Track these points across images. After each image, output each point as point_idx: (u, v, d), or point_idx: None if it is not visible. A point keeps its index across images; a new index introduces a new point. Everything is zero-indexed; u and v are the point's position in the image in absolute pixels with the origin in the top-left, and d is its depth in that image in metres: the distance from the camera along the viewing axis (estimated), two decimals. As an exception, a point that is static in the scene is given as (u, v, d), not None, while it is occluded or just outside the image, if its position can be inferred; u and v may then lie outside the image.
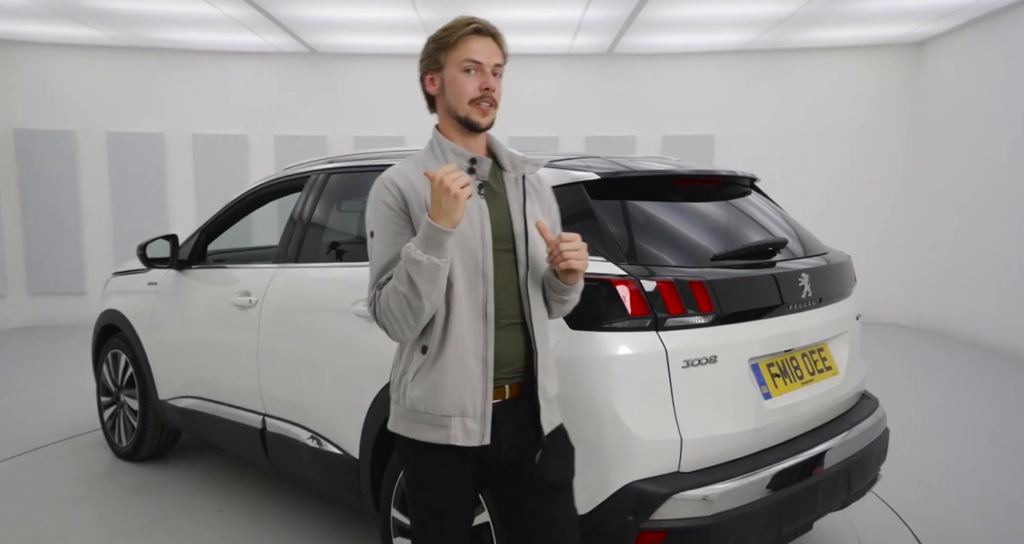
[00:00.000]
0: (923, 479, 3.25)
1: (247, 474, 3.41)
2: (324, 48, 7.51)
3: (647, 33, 6.75)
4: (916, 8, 5.98)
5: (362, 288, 2.33)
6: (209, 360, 3.06)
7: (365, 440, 2.27)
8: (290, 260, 2.76)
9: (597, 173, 1.99)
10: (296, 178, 2.94)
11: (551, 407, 1.49)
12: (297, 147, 7.52)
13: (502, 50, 1.48)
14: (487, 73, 1.46)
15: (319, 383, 2.49)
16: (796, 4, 5.82)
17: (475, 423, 1.41)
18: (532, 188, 1.56)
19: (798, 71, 7.44)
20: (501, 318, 1.46)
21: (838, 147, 7.36)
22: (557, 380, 1.54)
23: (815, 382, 2.08)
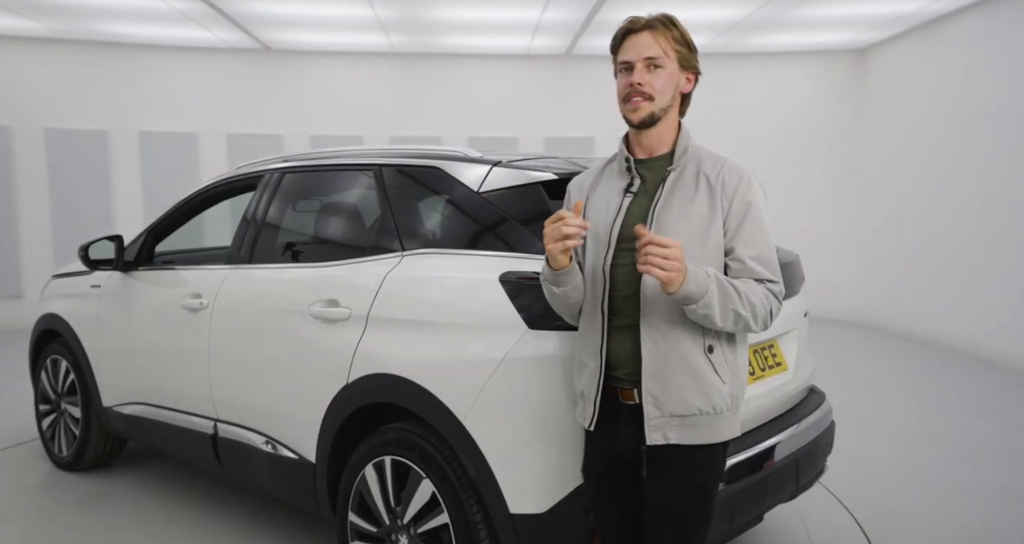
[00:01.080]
0: (867, 469, 3.38)
1: (197, 481, 3.31)
2: (278, 45, 7.35)
3: (605, 35, 6.83)
4: (858, 16, 6.23)
5: (319, 289, 2.30)
6: (157, 364, 2.95)
7: (322, 444, 2.23)
8: (243, 261, 2.69)
9: (555, 173, 2.01)
10: (249, 177, 2.87)
11: (667, 422, 1.44)
12: (251, 146, 7.34)
13: (659, 40, 1.47)
14: (638, 68, 1.47)
15: (274, 386, 2.43)
16: (747, 10, 5.98)
17: (589, 407, 1.53)
18: (704, 183, 1.48)
19: (749, 75, 7.65)
20: (616, 318, 1.48)
21: (787, 149, 7.60)
22: (699, 397, 1.43)
23: (766, 378, 2.13)
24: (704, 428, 1.46)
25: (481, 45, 7.28)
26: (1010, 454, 3.58)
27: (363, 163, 2.45)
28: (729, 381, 1.48)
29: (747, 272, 1.45)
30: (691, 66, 1.53)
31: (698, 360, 1.44)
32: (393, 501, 2.05)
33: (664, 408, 1.44)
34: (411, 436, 1.99)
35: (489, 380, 1.81)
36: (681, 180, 1.50)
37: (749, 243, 1.46)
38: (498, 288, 1.85)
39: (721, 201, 1.47)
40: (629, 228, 1.46)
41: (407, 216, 2.23)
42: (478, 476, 1.83)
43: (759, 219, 1.48)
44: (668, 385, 1.44)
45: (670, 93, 1.50)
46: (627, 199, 1.51)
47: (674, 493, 1.48)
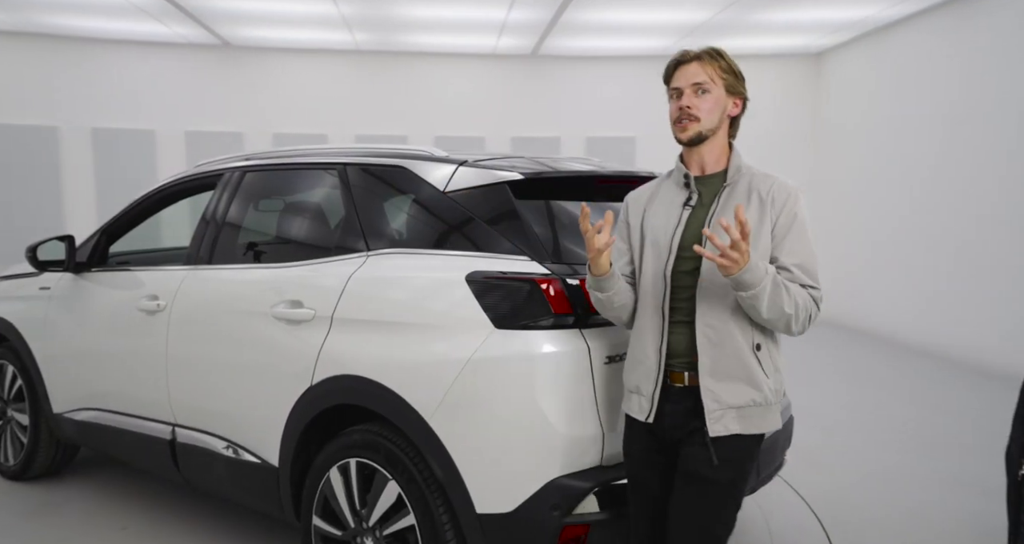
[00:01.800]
0: (824, 462, 3.48)
1: (153, 488, 3.21)
2: (239, 41, 7.20)
3: (570, 36, 6.88)
4: (814, 22, 6.41)
5: (283, 290, 2.26)
6: (111, 369, 2.86)
7: (285, 447, 2.19)
8: (202, 262, 2.63)
9: (521, 173, 2.01)
10: (209, 176, 2.80)
11: (727, 413, 1.56)
12: (210, 143, 7.17)
13: (706, 69, 1.64)
14: (686, 93, 1.64)
15: (235, 389, 2.38)
16: (708, 13, 6.10)
17: (646, 402, 1.64)
18: (756, 197, 1.62)
19: (711, 78, 7.80)
20: (677, 315, 1.62)
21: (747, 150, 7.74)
22: (751, 389, 1.56)
23: None
24: (757, 419, 1.59)
25: (447, 44, 7.26)
26: (961, 446, 3.73)
27: (327, 162, 2.42)
28: (772, 376, 1.62)
29: (792, 278, 1.58)
30: (738, 92, 1.69)
31: (748, 357, 1.58)
32: (358, 504, 2.03)
33: (722, 401, 1.57)
34: (377, 438, 1.97)
35: (455, 380, 1.81)
36: (734, 195, 1.65)
37: (793, 252, 1.59)
38: (464, 288, 1.85)
39: (771, 214, 1.61)
40: (690, 238, 1.62)
41: (372, 216, 2.21)
42: (445, 476, 1.82)
43: (803, 231, 1.62)
44: (723, 379, 1.57)
45: (717, 115, 1.66)
46: (686, 211, 1.66)
47: (718, 466, 1.57)
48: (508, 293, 1.80)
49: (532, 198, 2.01)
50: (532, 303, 1.78)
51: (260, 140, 7.38)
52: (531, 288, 1.78)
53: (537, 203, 2.02)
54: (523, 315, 1.78)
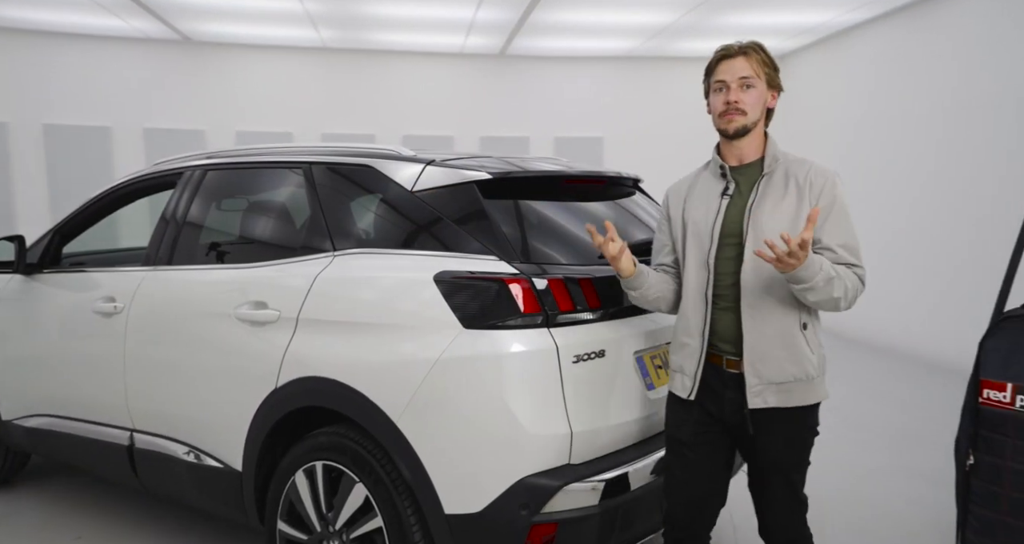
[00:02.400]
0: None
1: (110, 495, 3.12)
2: (200, 36, 7.02)
3: (538, 36, 6.90)
4: (775, 25, 6.57)
5: (246, 290, 2.22)
6: (65, 374, 2.77)
7: (249, 451, 2.15)
8: (162, 262, 2.56)
9: (489, 173, 2.01)
10: (168, 174, 2.73)
11: (766, 389, 1.67)
12: (171, 141, 6.98)
13: (751, 63, 1.71)
14: (732, 88, 1.70)
15: (197, 393, 2.32)
16: (673, 16, 6.19)
17: (688, 381, 1.77)
18: (794, 185, 1.69)
19: (677, 78, 7.91)
20: (720, 301, 1.72)
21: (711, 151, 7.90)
22: (793, 366, 1.66)
23: None
24: (799, 392, 1.69)
25: (415, 42, 7.21)
26: (923, 441, 3.84)
27: (292, 161, 2.38)
28: (817, 352, 1.72)
29: (837, 259, 1.66)
30: (776, 85, 1.77)
31: (795, 336, 1.68)
32: (325, 507, 2.01)
33: (763, 377, 1.67)
34: (343, 440, 1.95)
35: (424, 381, 1.79)
36: (771, 183, 1.72)
37: (835, 233, 1.68)
38: (432, 288, 1.84)
39: (809, 199, 1.68)
40: (730, 226, 1.72)
41: (338, 215, 2.18)
42: (413, 478, 1.81)
43: (844, 212, 1.70)
44: (766, 357, 1.67)
45: (760, 108, 1.73)
46: (724, 201, 1.74)
47: (780, 447, 1.73)
48: (476, 293, 1.80)
49: (500, 198, 2.01)
50: (500, 303, 1.78)
51: (222, 138, 7.22)
52: (499, 288, 1.78)
53: (505, 203, 2.02)
54: (491, 315, 1.78)
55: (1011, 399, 2.22)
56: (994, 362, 2.28)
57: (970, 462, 2.31)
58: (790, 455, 1.75)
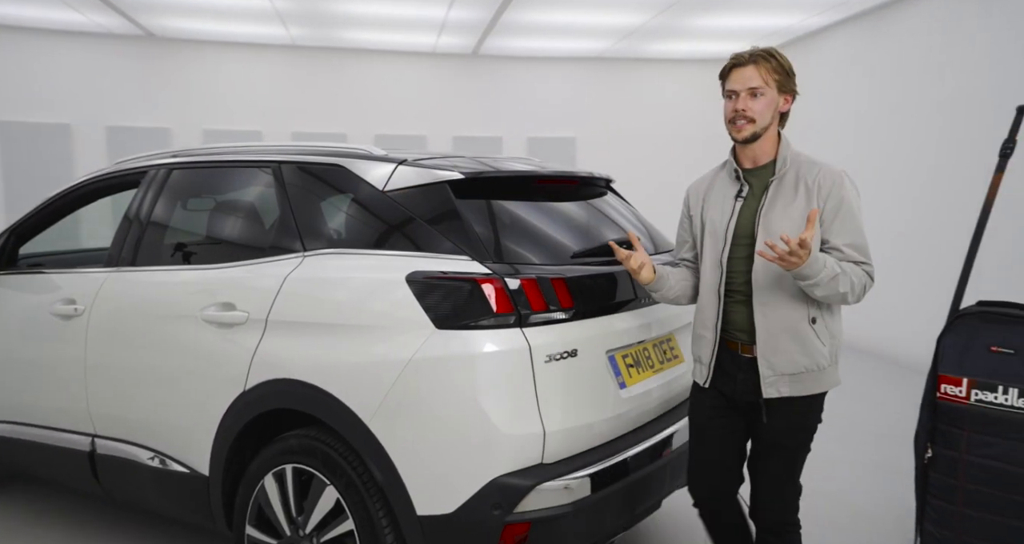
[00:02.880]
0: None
1: (70, 503, 3.03)
2: (164, 32, 6.86)
3: (510, 36, 6.91)
4: (744, 28, 6.68)
5: (214, 291, 2.18)
6: (22, 378, 2.68)
7: (216, 455, 2.11)
8: (125, 263, 2.50)
9: (462, 173, 2.00)
10: (131, 173, 2.67)
11: (779, 379, 1.78)
12: (134, 139, 6.81)
13: (760, 72, 1.77)
14: (741, 96, 1.78)
15: (162, 397, 2.27)
16: (644, 17, 6.25)
17: (705, 370, 1.91)
18: (803, 187, 1.78)
19: (648, 79, 8.00)
20: (733, 296, 1.84)
21: (683, 151, 8.01)
22: (804, 358, 1.76)
23: (664, 370, 2.24)
24: (810, 382, 1.80)
25: (386, 41, 7.15)
26: (883, 435, 3.95)
27: (261, 160, 2.34)
28: (829, 343, 1.81)
29: (845, 257, 1.76)
30: (788, 90, 1.82)
31: (804, 329, 1.78)
32: (295, 511, 1.98)
33: (776, 368, 1.78)
34: (314, 442, 1.93)
35: (396, 382, 1.78)
36: (783, 185, 1.81)
37: (842, 233, 1.76)
38: (405, 288, 1.83)
39: (817, 200, 1.76)
40: (743, 227, 1.82)
41: (308, 215, 2.15)
42: (385, 479, 1.80)
43: (851, 212, 1.77)
44: (778, 350, 1.78)
45: (770, 114, 1.80)
46: (739, 203, 1.85)
47: (784, 432, 1.84)
48: (449, 293, 1.79)
49: (473, 197, 2.01)
50: (473, 303, 1.77)
51: (189, 136, 7.07)
52: (472, 288, 1.78)
53: (478, 202, 2.02)
54: (464, 315, 1.77)
55: (966, 393, 2.30)
56: (951, 358, 2.36)
57: (928, 455, 2.38)
58: (792, 438, 1.86)
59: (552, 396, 1.81)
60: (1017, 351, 2.24)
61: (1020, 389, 2.21)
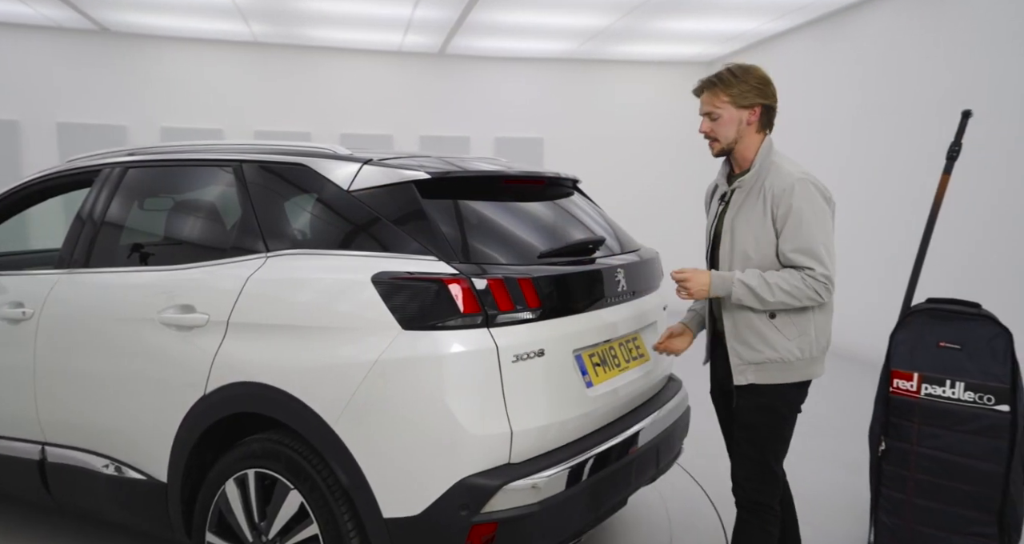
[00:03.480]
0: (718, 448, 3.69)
1: (18, 514, 2.91)
2: (119, 27, 6.65)
3: (477, 36, 6.90)
4: (706, 32, 6.81)
5: (172, 293, 2.12)
6: (-31, 385, 2.56)
7: (175, 461, 2.06)
8: (77, 265, 2.41)
9: (428, 173, 1.99)
10: (83, 172, 2.58)
11: (747, 367, 1.94)
12: (88, 136, 6.59)
13: (711, 97, 1.97)
14: (704, 121, 2.00)
15: (117, 403, 2.20)
16: (608, 20, 6.31)
17: (705, 352, 2.19)
18: (763, 194, 1.91)
19: (614, 81, 8.08)
20: None
21: (647, 152, 8.12)
22: (768, 349, 1.91)
23: (630, 369, 2.27)
24: (775, 372, 1.94)
25: (351, 40, 7.07)
26: (843, 430, 4.06)
27: (222, 159, 2.29)
28: (796, 337, 1.93)
29: (788, 262, 1.89)
30: (749, 104, 1.96)
31: (763, 324, 1.92)
32: (257, 516, 1.94)
33: (743, 358, 1.95)
34: (277, 446, 1.89)
35: (362, 383, 1.76)
36: (750, 193, 1.95)
37: (789, 239, 1.88)
38: (371, 289, 1.81)
39: (772, 208, 1.90)
40: (720, 228, 2.01)
41: (271, 215, 2.12)
42: (350, 482, 1.78)
43: (799, 219, 1.87)
44: (743, 341, 1.94)
45: (733, 129, 1.96)
46: (721, 207, 2.04)
47: (750, 411, 1.98)
48: (415, 294, 1.78)
49: (439, 197, 2.00)
50: (440, 303, 1.77)
51: (146, 134, 6.87)
52: (439, 288, 1.77)
53: (445, 203, 2.01)
54: (431, 315, 1.77)
55: (917, 388, 2.39)
56: (902, 354, 2.45)
57: (882, 448, 2.46)
58: (757, 417, 1.97)
59: (519, 396, 1.81)
60: (963, 346, 2.34)
61: (966, 383, 2.30)
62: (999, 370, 2.25)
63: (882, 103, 5.65)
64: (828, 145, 6.25)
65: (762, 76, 1.99)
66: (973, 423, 2.26)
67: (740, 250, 1.95)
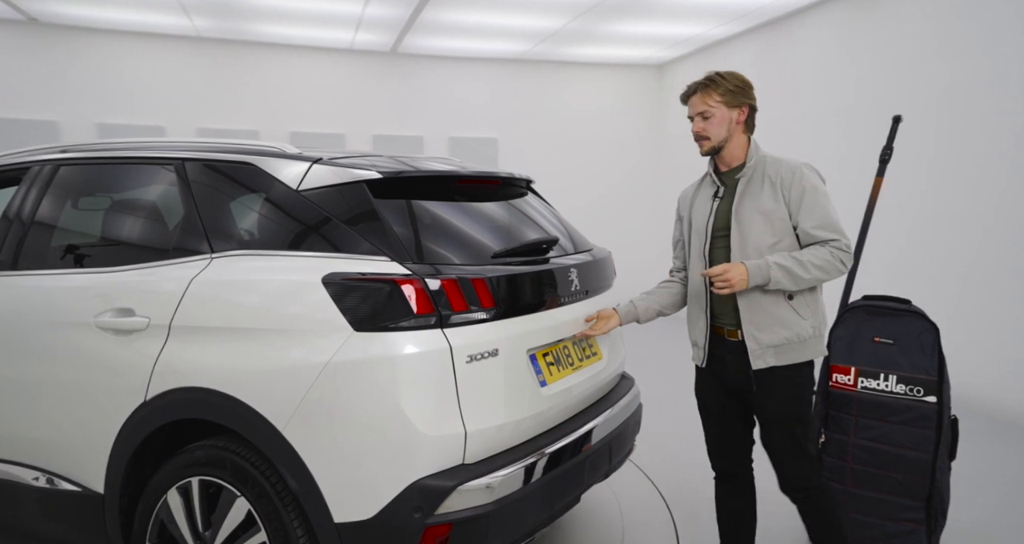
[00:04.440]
0: (668, 444, 3.78)
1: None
2: (49, 18, 6.32)
3: (430, 35, 6.85)
4: (656, 35, 6.96)
5: (109, 296, 2.03)
6: None
7: (112, 471, 1.98)
8: (4, 267, 2.29)
9: (380, 172, 1.97)
10: (9, 169, 2.45)
11: (766, 351, 1.99)
12: (15, 133, 6.25)
13: (704, 98, 2.06)
14: (696, 121, 2.08)
15: (50, 411, 2.10)
16: (560, 22, 6.37)
17: (701, 352, 2.15)
18: (767, 181, 2.00)
19: (566, 83, 8.16)
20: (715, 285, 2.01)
21: (601, 153, 8.24)
22: (785, 330, 1.98)
23: (584, 367, 2.29)
24: (793, 352, 2.01)
25: (300, 36, 6.91)
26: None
27: (162, 156, 2.21)
28: (810, 316, 2.03)
29: (811, 238, 1.97)
30: (739, 104, 2.06)
31: (782, 306, 2.00)
32: (201, 525, 1.88)
33: (761, 342, 2.00)
34: (223, 452, 1.84)
35: (312, 387, 1.73)
36: (751, 183, 2.04)
37: (809, 216, 1.97)
38: (321, 290, 1.78)
39: (782, 192, 1.99)
40: (720, 222, 2.07)
41: (216, 215, 2.05)
42: (299, 487, 1.74)
43: (814, 197, 1.98)
44: (761, 326, 2.00)
45: (725, 129, 2.05)
46: (716, 202, 2.10)
47: (779, 401, 2.03)
48: (367, 294, 1.76)
49: (392, 197, 1.98)
50: (393, 304, 1.75)
51: (80, 131, 6.55)
52: (391, 289, 1.75)
53: (397, 203, 1.99)
54: (383, 316, 1.74)
55: (854, 381, 2.50)
56: (841, 349, 2.55)
57: (822, 440, 2.56)
58: (788, 407, 2.04)
59: (473, 396, 1.81)
60: (896, 341, 2.46)
61: (898, 376, 2.42)
62: (927, 363, 2.37)
63: (820, 107, 5.88)
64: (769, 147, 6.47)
65: (746, 80, 2.11)
66: (905, 414, 2.38)
67: (754, 238, 2.01)
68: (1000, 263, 4.34)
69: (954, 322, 3.64)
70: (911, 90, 4.88)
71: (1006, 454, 3.67)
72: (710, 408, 2.23)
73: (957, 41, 4.61)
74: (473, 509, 1.73)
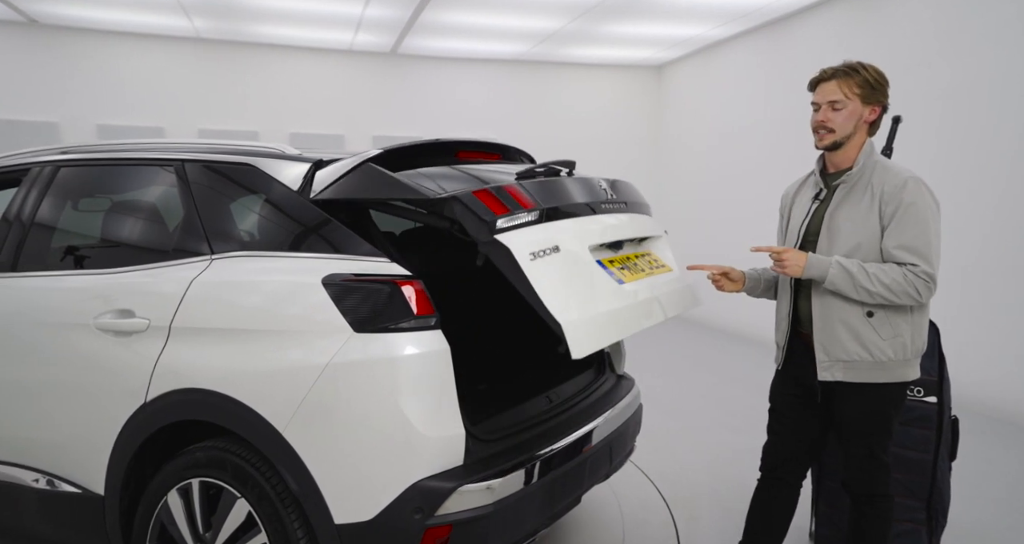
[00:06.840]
0: (667, 444, 3.78)
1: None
2: (49, 19, 6.33)
3: (430, 36, 6.86)
4: (654, 36, 6.96)
5: (109, 298, 2.03)
6: None
7: (113, 473, 1.98)
8: (4, 268, 2.29)
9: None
10: (9, 171, 2.45)
11: (834, 364, 1.93)
12: (15, 134, 6.25)
13: (842, 86, 1.91)
14: (823, 109, 1.94)
15: (50, 412, 2.10)
16: (560, 23, 6.38)
17: (780, 353, 2.14)
18: (870, 191, 1.90)
19: (566, 83, 8.17)
20: (803, 288, 2.03)
21: (600, 153, 8.23)
22: (859, 347, 1.89)
23: (657, 274, 2.22)
24: (866, 371, 1.92)
25: (300, 37, 6.92)
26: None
27: (163, 158, 2.21)
28: (891, 339, 1.91)
29: (891, 258, 1.87)
30: (875, 101, 1.93)
31: (859, 321, 1.91)
32: (202, 527, 1.88)
33: (830, 354, 1.93)
34: (223, 454, 1.84)
35: (312, 388, 1.73)
36: (853, 191, 1.94)
37: (895, 235, 1.86)
38: (321, 291, 1.78)
39: (880, 205, 1.88)
40: (814, 225, 2.00)
41: (216, 216, 2.05)
42: (300, 489, 1.74)
43: (907, 216, 1.85)
44: (832, 338, 1.93)
45: (852, 125, 1.92)
46: (815, 204, 2.02)
47: (855, 417, 1.98)
48: (368, 295, 1.76)
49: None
50: (393, 305, 1.75)
51: (80, 132, 6.56)
52: (392, 290, 1.75)
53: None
54: (384, 317, 1.74)
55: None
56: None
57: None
58: (864, 425, 1.98)
59: (552, 289, 1.71)
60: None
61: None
62: (928, 364, 2.37)
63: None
64: (768, 151, 6.46)
65: (887, 77, 1.95)
66: (906, 415, 2.38)
67: (840, 246, 1.92)
68: (1000, 263, 4.34)
69: (954, 322, 3.64)
70: (911, 90, 4.88)
71: (1006, 454, 3.67)
72: (780, 412, 2.18)
73: (958, 41, 4.61)
74: (473, 510, 1.72)
